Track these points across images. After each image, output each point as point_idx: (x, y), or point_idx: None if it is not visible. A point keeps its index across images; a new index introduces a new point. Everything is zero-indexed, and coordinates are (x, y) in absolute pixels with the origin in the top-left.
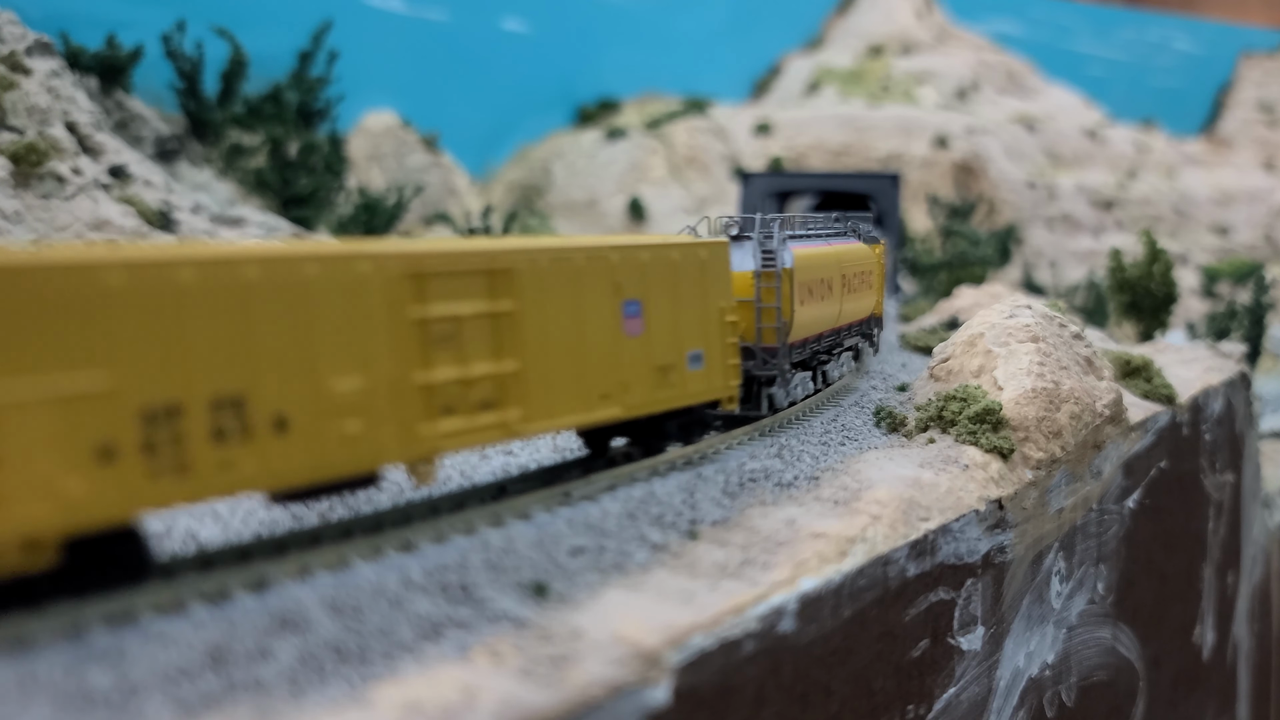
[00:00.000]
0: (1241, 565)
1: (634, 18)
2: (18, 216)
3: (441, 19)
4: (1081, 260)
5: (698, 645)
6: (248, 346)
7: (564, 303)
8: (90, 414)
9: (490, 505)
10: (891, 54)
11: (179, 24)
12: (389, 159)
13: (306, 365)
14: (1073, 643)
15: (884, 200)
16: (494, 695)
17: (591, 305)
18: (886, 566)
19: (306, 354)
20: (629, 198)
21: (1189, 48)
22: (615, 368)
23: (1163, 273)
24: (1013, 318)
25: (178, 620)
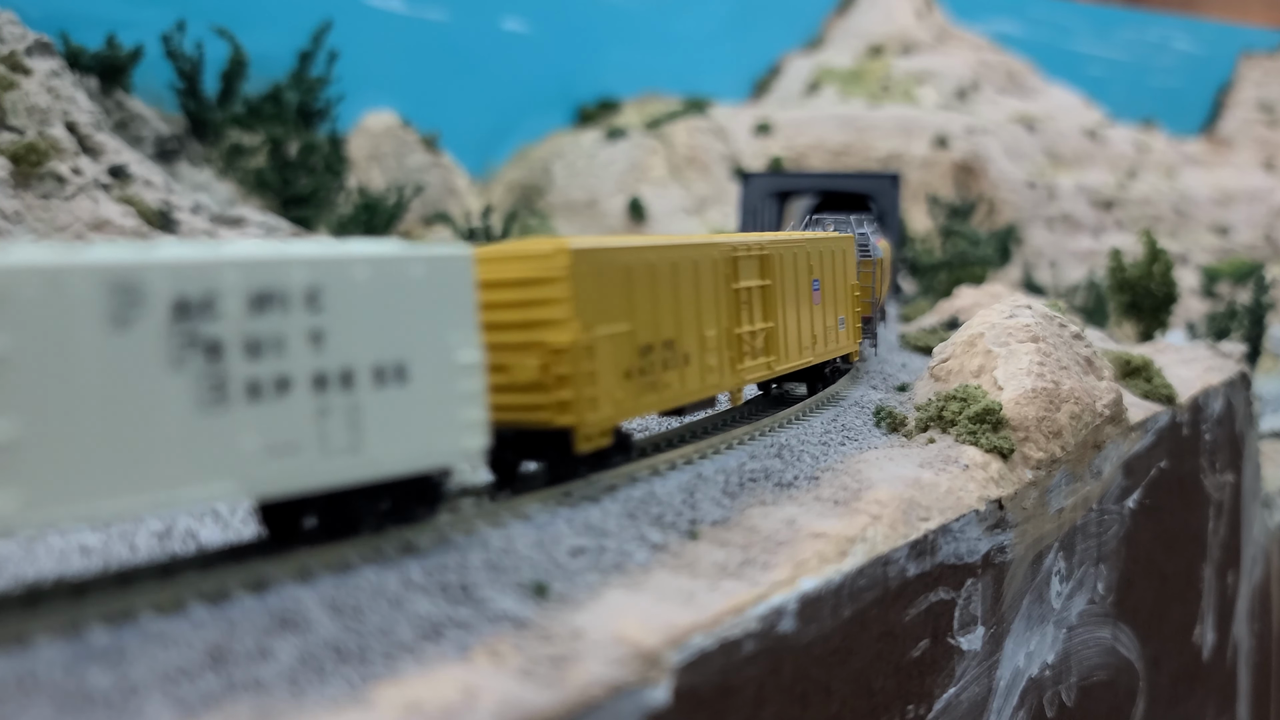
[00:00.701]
0: (1241, 565)
1: (634, 18)
2: (18, 216)
3: (441, 19)
4: (1081, 260)
5: (698, 645)
6: (675, 305)
7: (791, 281)
8: (624, 347)
9: (490, 505)
10: (891, 54)
11: (179, 24)
12: (389, 159)
13: (696, 318)
14: (1073, 643)
15: (884, 200)
16: (494, 695)
17: (802, 283)
18: (886, 566)
19: (696, 311)
20: (629, 198)
21: (1189, 48)
22: (811, 327)
23: (1163, 273)
24: (1013, 318)
25: (177, 620)
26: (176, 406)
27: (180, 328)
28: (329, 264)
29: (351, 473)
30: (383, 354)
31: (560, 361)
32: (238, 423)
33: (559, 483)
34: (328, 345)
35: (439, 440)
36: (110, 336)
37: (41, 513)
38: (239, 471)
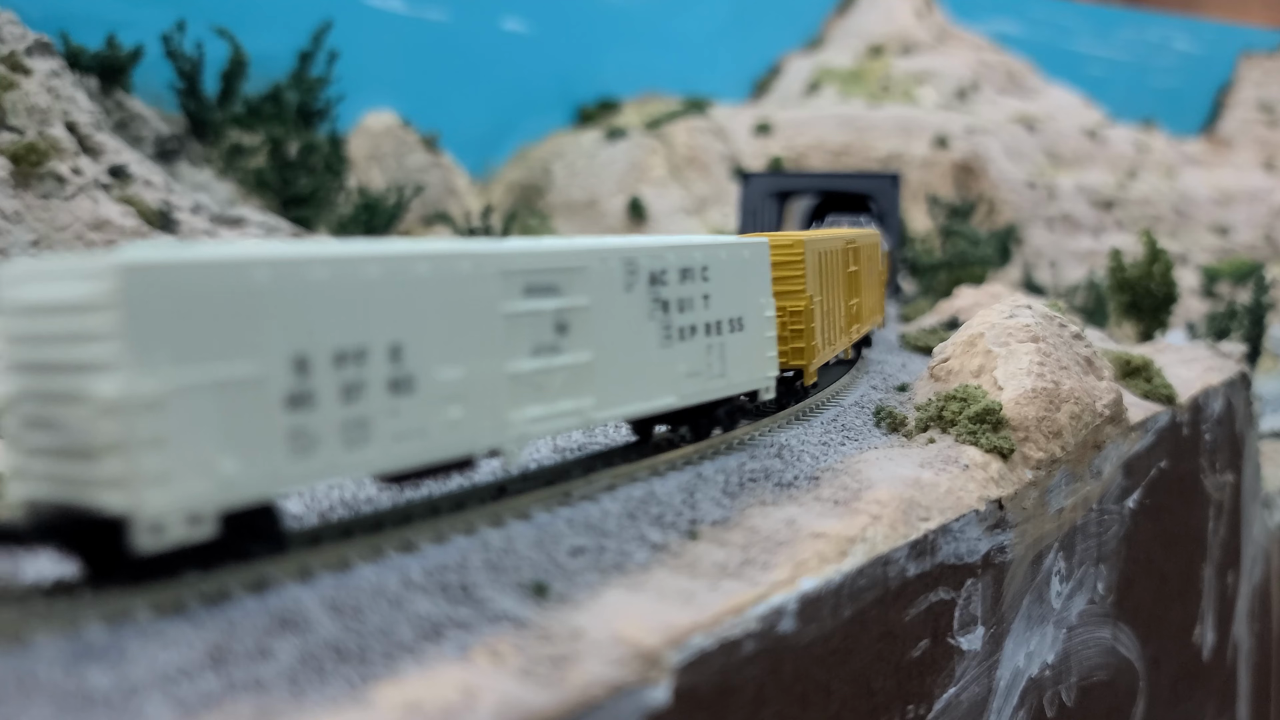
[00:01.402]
0: (1241, 565)
1: (634, 18)
2: (18, 216)
3: (441, 19)
4: (1081, 260)
5: (698, 645)
6: (836, 283)
7: (858, 269)
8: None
9: (490, 505)
10: (891, 54)
11: (179, 24)
12: (389, 159)
13: (839, 290)
14: (1073, 643)
15: (884, 200)
16: (494, 695)
17: (865, 272)
18: (886, 566)
19: (837, 284)
20: (629, 198)
21: (1189, 48)
22: (859, 306)
23: (1163, 273)
24: (1013, 318)
25: (178, 620)
26: (651, 344)
27: (652, 291)
28: (710, 248)
29: (721, 391)
30: (734, 309)
31: (797, 321)
32: (675, 356)
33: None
34: (711, 303)
35: (758, 369)
36: (623, 295)
37: (602, 413)
38: (676, 389)
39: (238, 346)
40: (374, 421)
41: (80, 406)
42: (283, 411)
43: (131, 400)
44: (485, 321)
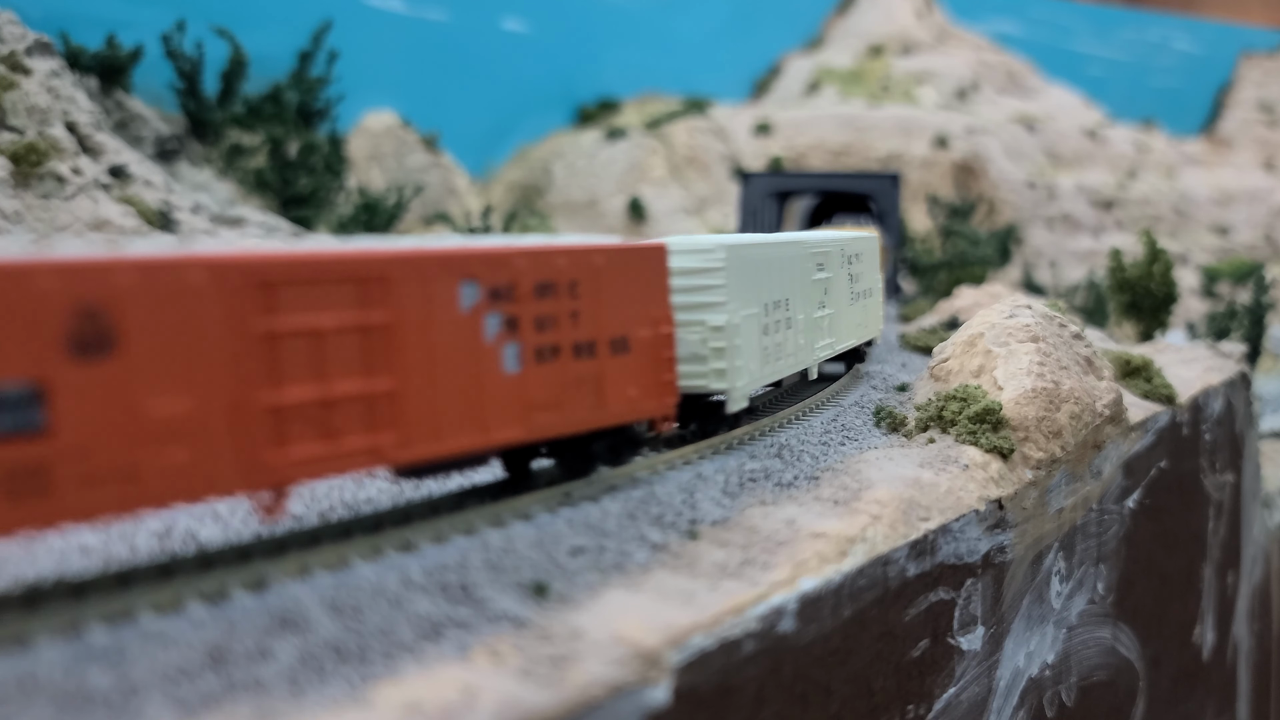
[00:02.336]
0: (1241, 565)
1: (634, 18)
2: (18, 216)
3: (441, 19)
4: (1081, 260)
5: (698, 645)
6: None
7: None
8: None
9: (490, 505)
10: (891, 54)
11: (179, 24)
12: (389, 159)
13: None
14: (1073, 643)
15: (884, 200)
16: (494, 695)
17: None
18: (886, 566)
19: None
20: (629, 198)
21: (1189, 48)
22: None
23: (1163, 273)
24: (1013, 318)
25: (177, 620)
26: (846, 303)
27: (850, 270)
28: (847, 240)
29: (874, 333)
30: (859, 286)
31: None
32: (855, 312)
33: None
34: (857, 281)
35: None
36: (840, 271)
37: (837, 347)
38: (856, 336)
39: (755, 296)
40: (781, 346)
41: (700, 330)
42: (763, 336)
43: (728, 326)
44: (809, 285)
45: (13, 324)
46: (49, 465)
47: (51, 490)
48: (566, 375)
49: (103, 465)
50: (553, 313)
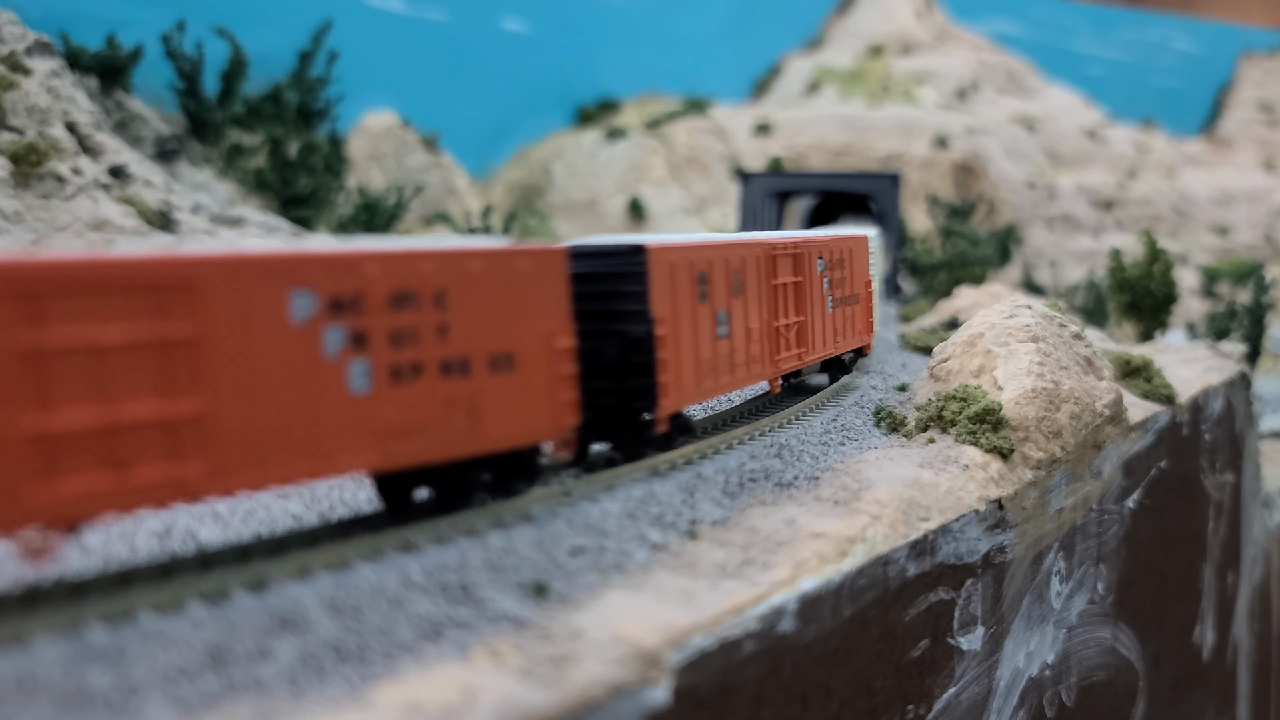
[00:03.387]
0: (1241, 565)
1: (634, 18)
2: (18, 216)
3: (441, 19)
4: (1081, 260)
5: (698, 645)
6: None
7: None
8: None
9: (490, 505)
10: (891, 54)
11: (179, 24)
12: (389, 159)
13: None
14: (1073, 643)
15: (884, 200)
16: (494, 695)
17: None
18: (886, 566)
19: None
20: (629, 198)
21: (1189, 48)
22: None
23: (1163, 273)
24: (1013, 318)
25: (177, 620)
26: None
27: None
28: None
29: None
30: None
31: None
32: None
33: None
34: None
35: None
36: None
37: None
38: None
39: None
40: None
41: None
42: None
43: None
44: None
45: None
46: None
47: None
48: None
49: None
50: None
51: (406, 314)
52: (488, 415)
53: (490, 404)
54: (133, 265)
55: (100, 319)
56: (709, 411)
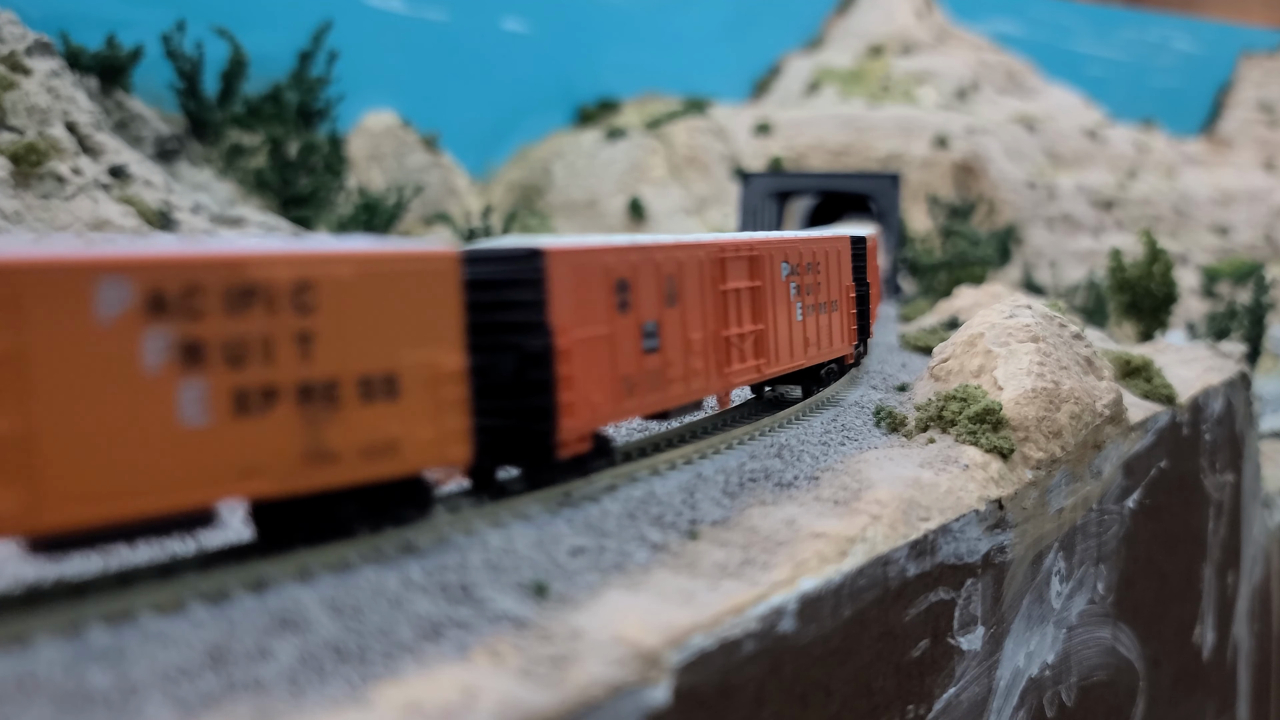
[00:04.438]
0: (1241, 565)
1: (634, 18)
2: (18, 216)
3: (441, 19)
4: (1081, 260)
5: (698, 645)
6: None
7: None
8: None
9: (490, 505)
10: (891, 54)
11: (179, 24)
12: (389, 159)
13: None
14: (1073, 643)
15: (884, 200)
16: (494, 695)
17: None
18: (886, 566)
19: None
20: (629, 198)
21: (1189, 48)
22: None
23: (1163, 273)
24: (1013, 318)
25: (177, 620)
26: None
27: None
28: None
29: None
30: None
31: None
32: None
33: None
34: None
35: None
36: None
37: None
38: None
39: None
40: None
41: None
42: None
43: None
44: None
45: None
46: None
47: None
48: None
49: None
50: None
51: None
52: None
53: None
54: None
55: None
56: (709, 410)
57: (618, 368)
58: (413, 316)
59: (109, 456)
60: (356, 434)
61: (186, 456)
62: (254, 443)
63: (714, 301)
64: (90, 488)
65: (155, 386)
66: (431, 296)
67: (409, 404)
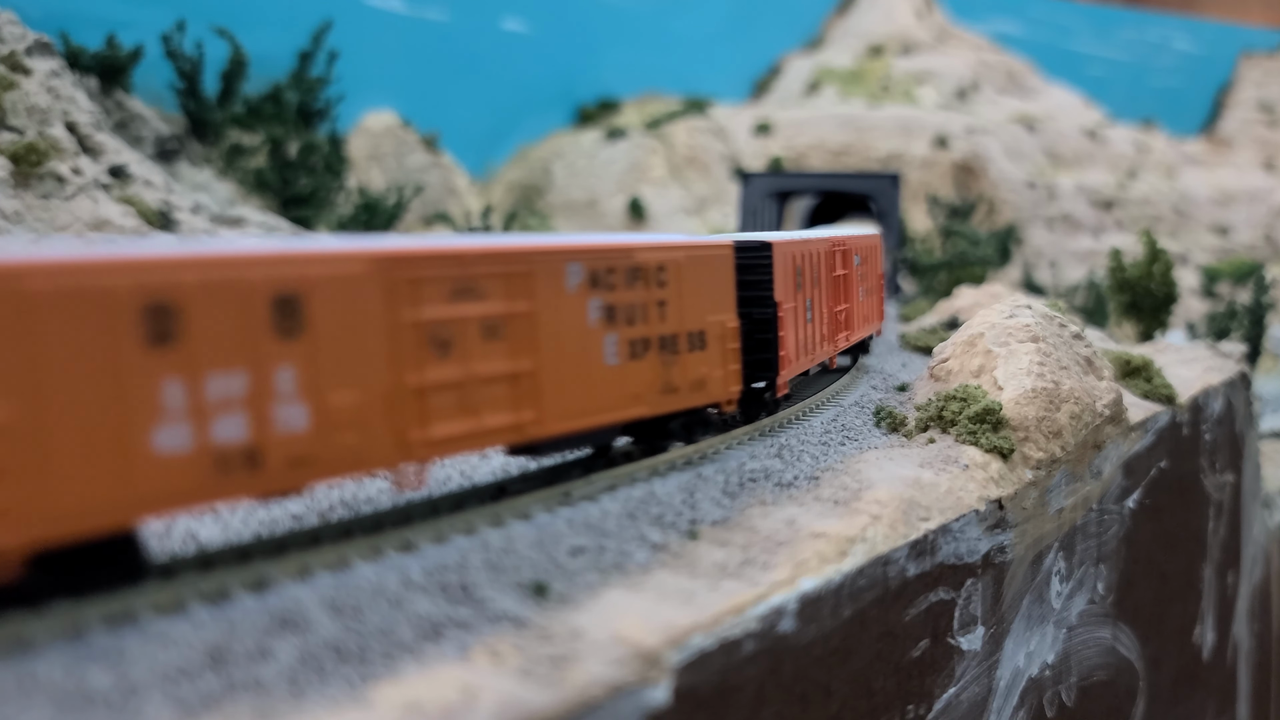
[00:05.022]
0: (1241, 565)
1: (634, 18)
2: (18, 216)
3: (441, 19)
4: (1081, 260)
5: (698, 645)
6: None
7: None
8: None
9: (490, 505)
10: (891, 54)
11: (179, 24)
12: (389, 159)
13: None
14: (1073, 643)
15: (884, 200)
16: (494, 695)
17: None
18: (886, 566)
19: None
20: (629, 198)
21: (1189, 48)
22: None
23: (1163, 273)
24: (1013, 318)
25: (178, 620)
26: None
27: None
28: None
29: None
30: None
31: None
32: None
33: None
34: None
35: None
36: None
37: None
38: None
39: None
40: None
41: None
42: None
43: None
44: None
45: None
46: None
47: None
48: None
49: None
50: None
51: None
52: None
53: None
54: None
55: None
56: None
57: (797, 333)
58: (712, 289)
59: (572, 385)
60: (686, 373)
61: (607, 387)
62: (638, 378)
63: (829, 284)
64: (563, 408)
65: (593, 336)
66: (721, 275)
67: (711, 353)
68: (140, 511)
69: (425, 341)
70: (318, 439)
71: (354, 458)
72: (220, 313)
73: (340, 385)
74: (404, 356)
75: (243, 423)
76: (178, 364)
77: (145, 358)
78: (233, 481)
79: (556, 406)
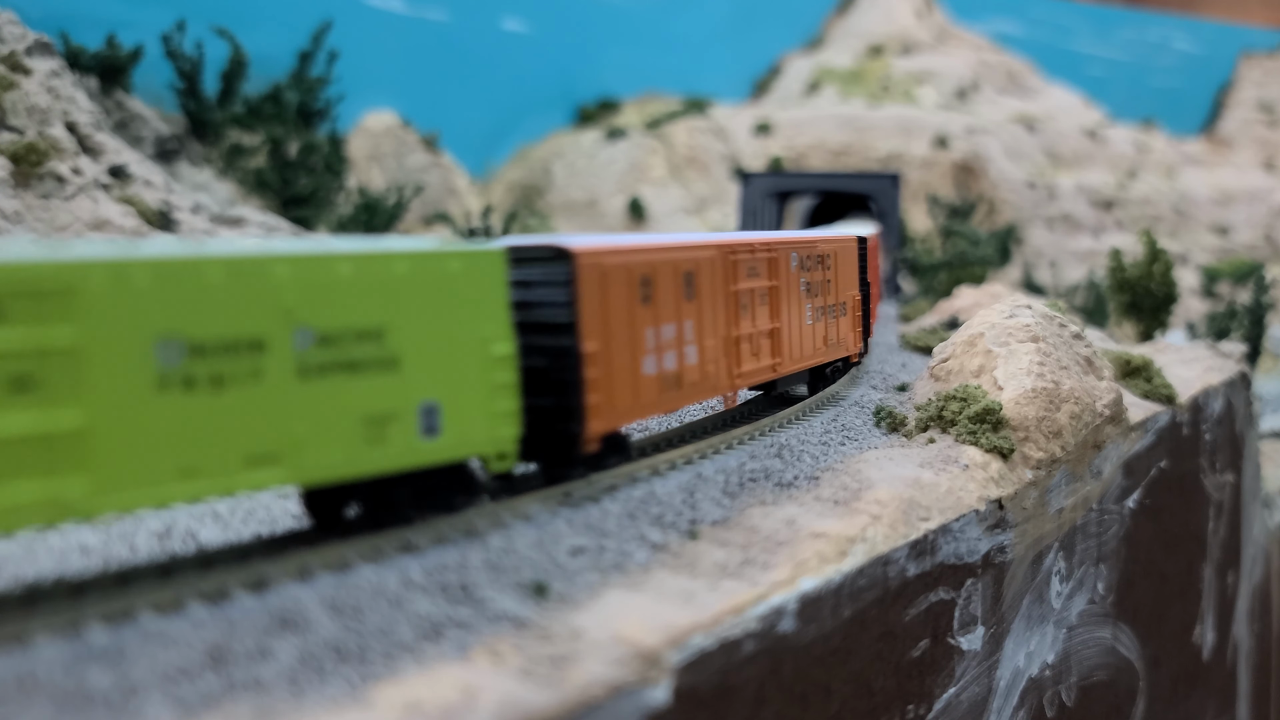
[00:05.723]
0: (1241, 565)
1: (634, 18)
2: (18, 216)
3: (441, 19)
4: (1081, 260)
5: (698, 645)
6: None
7: None
8: None
9: (490, 505)
10: (891, 54)
11: (179, 24)
12: (389, 159)
13: None
14: (1073, 643)
15: (884, 200)
16: (494, 695)
17: None
18: (886, 566)
19: None
20: (629, 198)
21: (1189, 48)
22: None
23: (1163, 273)
24: (1013, 317)
25: (177, 620)
26: None
27: None
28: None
29: None
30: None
31: None
32: None
33: None
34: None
35: None
36: None
37: None
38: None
39: None
40: None
41: None
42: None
43: None
44: None
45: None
46: None
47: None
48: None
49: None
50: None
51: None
52: None
53: None
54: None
55: None
56: (708, 411)
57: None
58: (849, 270)
59: (795, 339)
60: (835, 335)
61: (808, 340)
62: (818, 336)
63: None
64: (791, 354)
65: (802, 303)
66: (853, 259)
67: (847, 320)
68: (639, 415)
69: (738, 305)
70: (700, 370)
71: (712, 385)
72: (668, 283)
73: (710, 334)
74: (731, 314)
75: (674, 357)
76: (652, 317)
77: (642, 311)
78: (668, 397)
79: (789, 353)
